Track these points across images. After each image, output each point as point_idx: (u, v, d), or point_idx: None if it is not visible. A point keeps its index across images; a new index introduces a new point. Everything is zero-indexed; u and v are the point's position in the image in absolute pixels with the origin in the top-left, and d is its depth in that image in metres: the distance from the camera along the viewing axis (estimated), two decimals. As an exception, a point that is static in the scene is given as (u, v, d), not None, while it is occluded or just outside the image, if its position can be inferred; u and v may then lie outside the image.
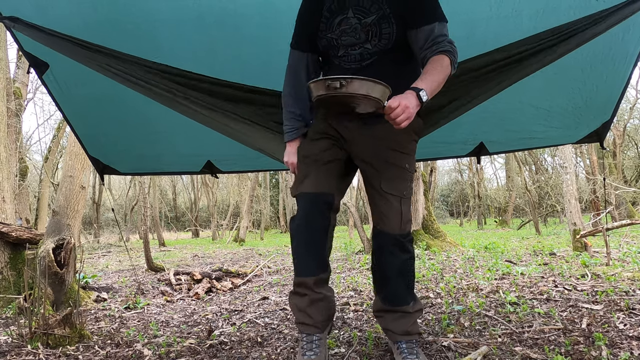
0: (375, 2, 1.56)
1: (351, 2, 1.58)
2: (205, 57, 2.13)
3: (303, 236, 1.63)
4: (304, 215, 1.63)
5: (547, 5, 1.87)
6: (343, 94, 1.26)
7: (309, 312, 1.64)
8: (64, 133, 11.29)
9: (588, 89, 2.40)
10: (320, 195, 1.63)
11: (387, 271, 1.69)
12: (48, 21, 1.80)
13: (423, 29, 1.50)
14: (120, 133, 2.64)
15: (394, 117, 1.32)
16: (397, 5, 1.54)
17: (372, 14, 1.56)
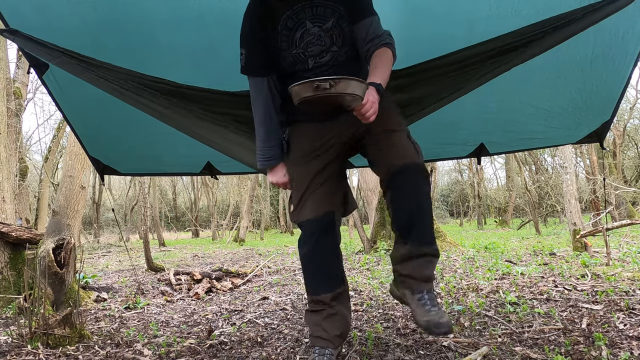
0: (329, 7, 1.60)
1: (306, 13, 1.59)
2: (205, 57, 2.13)
3: (315, 262, 1.66)
4: (311, 241, 1.65)
5: (547, 4, 1.87)
6: (332, 94, 1.31)
7: (325, 326, 1.65)
8: (64, 133, 11.29)
9: (588, 89, 2.40)
10: (323, 217, 1.65)
11: (419, 205, 1.54)
12: (48, 21, 1.80)
13: (364, 21, 1.59)
14: (120, 133, 2.64)
15: (364, 112, 1.41)
16: (348, 3, 1.60)
17: (329, 17, 1.60)
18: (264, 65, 1.67)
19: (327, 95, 1.32)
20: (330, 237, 1.67)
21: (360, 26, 1.60)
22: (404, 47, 2.10)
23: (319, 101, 1.36)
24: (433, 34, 2.04)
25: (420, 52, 2.12)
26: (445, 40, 2.05)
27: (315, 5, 1.58)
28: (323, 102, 1.38)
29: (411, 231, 1.55)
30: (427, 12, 1.92)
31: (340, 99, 1.35)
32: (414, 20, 1.97)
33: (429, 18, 1.96)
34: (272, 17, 1.61)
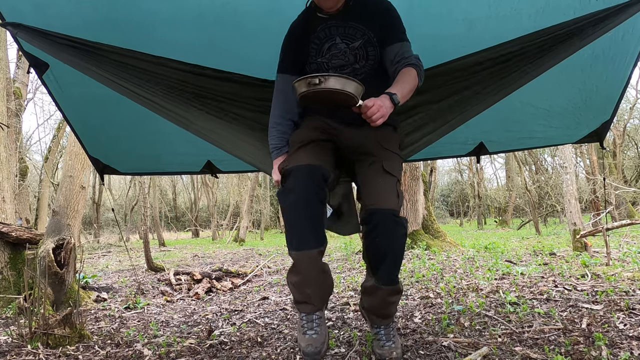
0: (359, 29, 1.75)
1: (338, 31, 1.76)
2: (205, 57, 2.13)
3: (302, 211, 1.60)
4: (301, 187, 1.60)
5: (547, 4, 1.86)
6: (322, 89, 1.40)
7: (309, 291, 1.65)
8: (64, 133, 11.29)
9: (588, 89, 2.40)
10: (318, 167, 1.65)
11: (386, 248, 1.67)
12: (48, 20, 1.80)
13: (394, 45, 1.73)
14: (120, 133, 2.65)
15: (370, 114, 1.49)
16: (376, 29, 1.76)
17: (358, 39, 1.76)
18: (294, 66, 1.83)
19: (319, 91, 1.41)
20: (322, 190, 1.64)
21: (389, 50, 1.74)
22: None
23: (314, 97, 1.45)
24: (432, 34, 2.04)
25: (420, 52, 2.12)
26: (445, 39, 2.06)
27: (349, 26, 1.75)
28: (319, 99, 1.47)
29: (379, 268, 1.70)
30: (426, 11, 1.92)
31: (332, 96, 1.42)
32: (413, 20, 1.97)
33: (428, 17, 1.96)
34: (310, 26, 1.79)
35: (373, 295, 1.76)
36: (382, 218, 1.65)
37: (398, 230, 1.66)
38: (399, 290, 1.76)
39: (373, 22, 1.75)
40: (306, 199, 1.60)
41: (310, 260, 1.62)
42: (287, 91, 1.81)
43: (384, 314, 1.78)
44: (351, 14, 1.76)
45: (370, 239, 1.69)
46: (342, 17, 1.76)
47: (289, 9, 1.85)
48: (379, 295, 1.74)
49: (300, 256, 1.63)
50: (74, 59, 1.78)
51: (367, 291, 1.80)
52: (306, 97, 1.47)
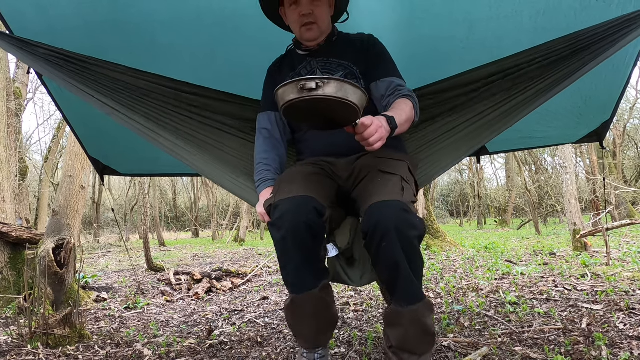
0: (342, 64, 1.62)
1: (319, 64, 1.63)
2: (205, 57, 2.13)
3: (292, 248, 1.34)
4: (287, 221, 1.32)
5: (547, 5, 1.86)
6: (319, 97, 1.07)
7: (307, 332, 1.45)
8: (64, 133, 11.29)
9: (588, 89, 2.40)
10: (308, 198, 1.36)
11: (397, 253, 1.26)
12: (49, 21, 1.80)
13: (385, 79, 1.58)
14: (120, 134, 2.64)
15: (367, 136, 1.20)
16: (362, 64, 1.62)
17: (340, 72, 1.60)
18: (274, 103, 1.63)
19: (314, 99, 1.08)
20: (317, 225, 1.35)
21: (380, 84, 1.58)
22: (404, 49, 2.11)
23: (306, 107, 1.12)
24: (433, 35, 2.04)
25: (420, 52, 2.12)
26: (445, 40, 2.05)
27: (331, 62, 1.63)
28: (311, 110, 1.14)
29: (395, 284, 1.31)
30: (427, 11, 1.92)
31: (331, 106, 1.10)
32: (414, 20, 1.97)
33: (429, 18, 1.96)
34: (291, 64, 1.69)
35: (397, 324, 1.33)
36: (387, 212, 1.26)
37: (409, 228, 1.26)
38: (428, 306, 1.35)
39: (358, 57, 1.62)
40: (295, 233, 1.32)
41: (307, 303, 1.40)
42: (270, 129, 1.69)
43: (422, 341, 1.33)
44: (334, 50, 1.64)
45: (375, 246, 1.28)
46: (324, 54, 1.65)
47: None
48: (404, 322, 1.31)
49: (295, 300, 1.41)
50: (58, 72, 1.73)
51: (389, 321, 1.38)
52: (295, 108, 1.13)
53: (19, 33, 1.81)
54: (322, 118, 1.18)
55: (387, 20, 1.91)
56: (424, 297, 1.34)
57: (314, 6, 1.54)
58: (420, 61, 2.10)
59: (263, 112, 1.72)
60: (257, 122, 1.73)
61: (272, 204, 1.40)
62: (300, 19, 1.55)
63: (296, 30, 1.61)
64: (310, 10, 1.53)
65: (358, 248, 1.80)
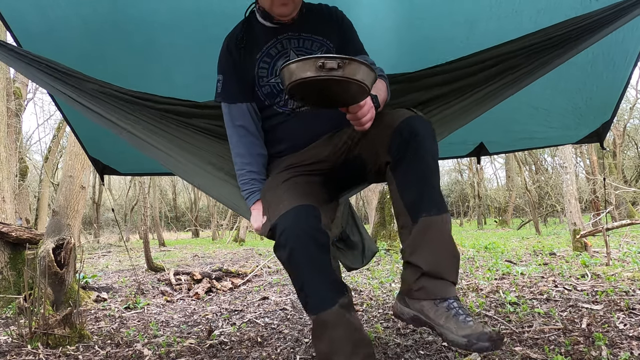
0: (317, 40, 1.51)
1: (291, 44, 1.50)
2: (205, 59, 2.13)
3: (304, 266, 1.24)
4: (291, 240, 1.24)
5: (547, 5, 1.86)
6: (338, 77, 1.05)
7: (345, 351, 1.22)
8: (64, 133, 11.29)
9: (588, 89, 2.40)
10: (310, 207, 1.30)
11: (429, 162, 1.25)
12: (48, 21, 1.80)
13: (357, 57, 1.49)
14: (120, 133, 2.64)
15: (361, 115, 1.21)
16: (334, 38, 1.53)
17: (316, 51, 1.49)
18: (244, 91, 1.53)
19: (331, 79, 1.05)
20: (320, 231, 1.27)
21: None
22: (403, 49, 2.11)
23: (319, 87, 1.08)
24: (433, 35, 2.04)
25: (420, 52, 2.12)
26: (445, 41, 2.05)
27: (303, 38, 1.50)
28: (323, 89, 1.11)
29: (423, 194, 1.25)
30: (427, 12, 1.92)
31: (345, 87, 1.08)
32: (414, 20, 1.97)
33: (429, 18, 1.96)
34: (255, 42, 1.51)
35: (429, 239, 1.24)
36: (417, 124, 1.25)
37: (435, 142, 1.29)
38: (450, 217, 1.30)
39: (330, 31, 1.53)
40: (304, 250, 1.24)
41: (333, 322, 1.23)
42: (244, 124, 1.53)
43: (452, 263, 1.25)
44: (304, 24, 1.50)
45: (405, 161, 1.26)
46: (295, 28, 1.50)
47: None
48: (435, 231, 1.23)
49: (319, 320, 1.25)
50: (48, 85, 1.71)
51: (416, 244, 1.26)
52: (306, 86, 1.09)
53: (19, 33, 1.82)
54: (329, 97, 1.15)
55: (387, 20, 1.91)
56: (447, 209, 1.29)
57: None
58: (420, 61, 2.10)
59: (231, 104, 1.54)
60: (225, 114, 1.57)
61: (270, 227, 1.32)
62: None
63: (266, 2, 1.43)
64: None
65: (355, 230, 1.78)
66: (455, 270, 1.26)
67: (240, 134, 1.54)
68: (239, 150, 1.55)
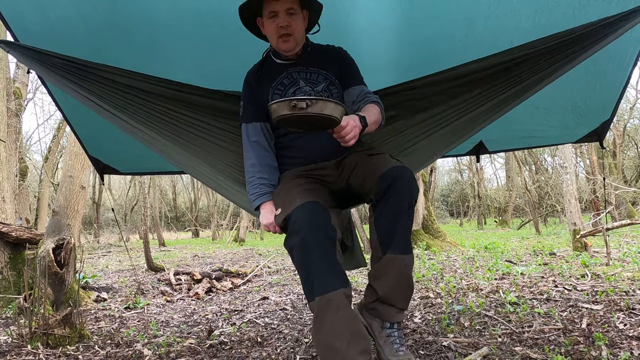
0: (321, 74, 1.77)
1: (300, 75, 1.77)
2: (205, 57, 2.13)
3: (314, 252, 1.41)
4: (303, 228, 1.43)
5: (545, 3, 1.87)
6: (308, 114, 1.32)
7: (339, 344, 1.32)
8: (64, 133, 11.29)
9: (587, 89, 2.40)
10: (317, 203, 1.51)
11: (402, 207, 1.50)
12: (49, 21, 1.80)
13: (357, 87, 1.77)
14: (120, 133, 2.64)
15: (344, 134, 1.43)
16: (337, 72, 1.79)
17: (321, 82, 1.76)
18: (259, 113, 1.78)
19: (304, 115, 1.33)
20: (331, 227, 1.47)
21: (351, 91, 1.76)
22: (403, 48, 2.11)
23: (295, 120, 1.38)
24: (432, 34, 2.04)
25: (419, 52, 2.12)
26: (445, 40, 2.06)
27: (310, 71, 1.77)
28: (300, 122, 1.40)
29: (394, 234, 1.51)
30: (426, 11, 1.92)
31: (317, 119, 1.36)
32: (414, 20, 1.98)
33: (428, 17, 1.96)
34: (270, 75, 1.78)
35: (388, 273, 1.53)
36: (403, 172, 1.51)
37: (417, 189, 1.54)
38: (413, 259, 1.57)
39: (333, 66, 1.78)
40: (315, 237, 1.42)
41: (337, 304, 1.36)
42: (259, 140, 1.78)
43: (404, 295, 1.55)
44: (311, 60, 1.78)
45: (387, 198, 1.51)
46: (303, 63, 1.77)
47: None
48: (395, 268, 1.51)
49: (323, 301, 1.37)
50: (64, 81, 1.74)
51: (379, 272, 1.56)
52: (286, 121, 1.39)
53: (19, 34, 1.82)
54: (309, 125, 1.44)
55: (386, 20, 1.91)
56: (412, 251, 1.56)
57: (290, 19, 1.66)
58: (420, 61, 2.10)
59: (248, 123, 1.80)
60: (243, 133, 1.81)
61: (285, 217, 1.52)
62: (277, 29, 1.67)
63: (273, 40, 1.72)
64: (287, 23, 1.66)
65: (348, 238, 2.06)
66: (406, 300, 1.58)
67: (254, 148, 1.78)
68: (251, 161, 1.78)
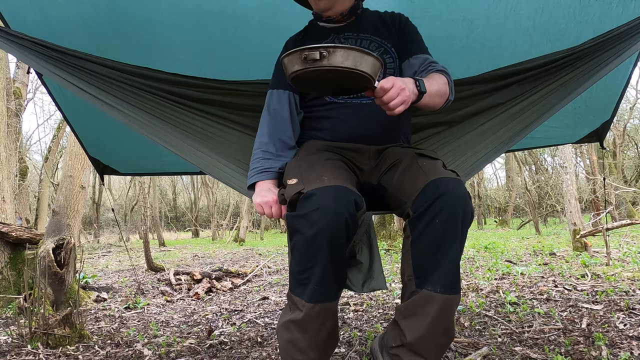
0: (374, 41, 1.52)
1: (349, 42, 1.50)
2: (205, 57, 2.13)
3: (326, 250, 1.12)
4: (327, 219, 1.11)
5: (546, 3, 1.87)
6: (323, 67, 1.01)
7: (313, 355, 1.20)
8: (64, 133, 11.29)
9: (588, 89, 2.40)
10: (349, 190, 1.17)
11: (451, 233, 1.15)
12: (48, 21, 1.80)
13: (419, 56, 1.49)
14: (120, 133, 2.64)
15: (387, 100, 1.11)
16: (395, 40, 1.54)
17: (374, 50, 1.50)
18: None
19: (318, 69, 1.02)
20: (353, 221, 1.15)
21: (412, 61, 1.48)
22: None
23: (312, 79, 1.07)
24: (432, 34, 2.04)
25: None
26: (445, 40, 2.05)
27: (362, 37, 1.52)
28: (320, 81, 1.08)
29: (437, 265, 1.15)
30: (426, 10, 1.92)
31: (339, 76, 1.04)
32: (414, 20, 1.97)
33: (428, 17, 1.96)
34: (313, 39, 1.55)
35: (424, 314, 1.15)
36: (456, 187, 1.17)
37: (471, 213, 1.20)
38: (458, 302, 1.18)
39: (390, 34, 1.54)
40: (333, 231, 1.11)
41: (326, 315, 1.18)
42: (279, 108, 1.53)
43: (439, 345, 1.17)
44: (363, 26, 1.55)
45: (431, 217, 1.16)
46: (352, 28, 1.54)
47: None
48: (433, 309, 1.14)
49: (313, 311, 1.16)
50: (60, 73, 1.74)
51: (411, 310, 1.18)
52: (301, 79, 1.07)
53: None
54: (333, 86, 1.12)
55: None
56: (460, 291, 1.18)
57: None
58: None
59: (274, 90, 1.57)
60: (266, 99, 1.59)
61: (301, 192, 1.18)
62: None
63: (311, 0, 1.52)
64: None
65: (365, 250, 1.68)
66: (440, 353, 1.19)
67: (271, 117, 1.53)
68: (262, 130, 1.54)
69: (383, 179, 1.39)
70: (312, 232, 1.12)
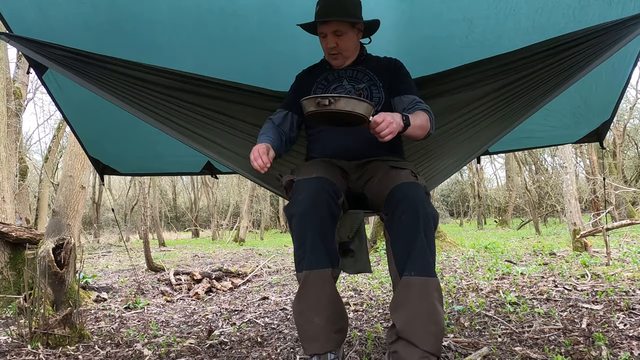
0: (366, 74, 1.82)
1: (346, 74, 1.84)
2: (205, 57, 2.13)
3: (312, 225, 1.42)
4: (308, 199, 1.44)
5: (545, 3, 1.87)
6: (331, 110, 1.40)
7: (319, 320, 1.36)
8: (64, 133, 11.29)
9: (587, 89, 2.40)
10: (329, 180, 1.52)
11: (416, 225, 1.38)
12: (49, 21, 1.80)
13: (409, 95, 1.78)
14: (120, 133, 2.64)
15: (379, 130, 1.44)
16: (386, 79, 1.82)
17: (364, 82, 1.81)
18: (293, 104, 1.86)
19: (328, 112, 1.41)
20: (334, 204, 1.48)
21: (403, 99, 1.78)
22: (403, 47, 2.11)
23: (323, 116, 1.46)
24: (432, 34, 2.04)
25: (419, 52, 2.12)
26: (445, 39, 2.06)
27: (357, 70, 1.84)
28: (328, 118, 1.48)
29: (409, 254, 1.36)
30: (426, 10, 1.92)
31: (342, 116, 1.42)
32: (414, 20, 1.97)
33: (428, 17, 1.96)
34: (318, 72, 1.90)
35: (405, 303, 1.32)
36: (411, 189, 1.45)
37: (429, 205, 1.42)
38: (437, 285, 1.35)
39: (384, 73, 1.82)
40: (316, 211, 1.43)
41: (322, 281, 1.39)
42: (280, 123, 1.85)
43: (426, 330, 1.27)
44: (361, 64, 1.85)
45: (397, 219, 1.41)
46: (352, 66, 1.85)
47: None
48: (413, 293, 1.31)
49: (311, 276, 1.39)
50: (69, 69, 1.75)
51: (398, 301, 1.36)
52: (314, 116, 1.48)
53: (19, 33, 1.81)
54: (338, 121, 1.50)
55: (387, 19, 1.91)
56: (435, 275, 1.36)
57: (338, 40, 1.74)
58: (420, 61, 2.10)
59: (281, 109, 1.90)
60: (274, 114, 1.90)
61: (293, 180, 1.57)
62: (327, 49, 1.79)
63: (325, 55, 1.84)
64: (334, 44, 1.75)
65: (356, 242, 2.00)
66: (430, 338, 1.27)
67: (273, 124, 1.85)
68: (263, 129, 1.82)
69: (365, 188, 1.71)
70: (299, 210, 1.45)
